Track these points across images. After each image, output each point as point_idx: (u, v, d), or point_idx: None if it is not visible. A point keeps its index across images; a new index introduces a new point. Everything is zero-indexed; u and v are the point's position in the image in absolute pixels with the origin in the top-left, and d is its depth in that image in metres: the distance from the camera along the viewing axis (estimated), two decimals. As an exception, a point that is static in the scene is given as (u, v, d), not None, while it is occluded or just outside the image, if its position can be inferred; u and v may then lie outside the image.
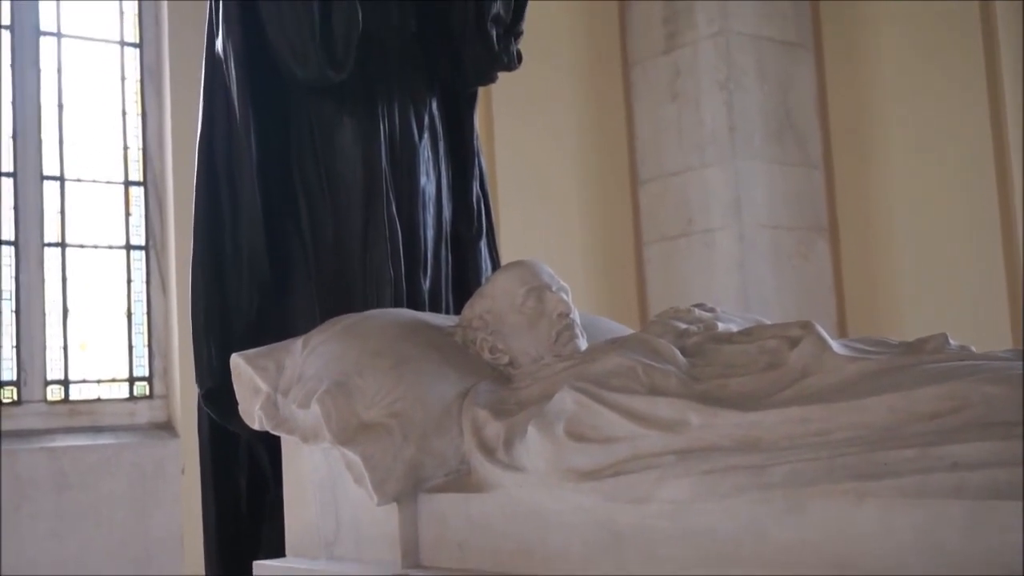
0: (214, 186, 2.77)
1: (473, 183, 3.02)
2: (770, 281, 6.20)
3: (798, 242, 6.40)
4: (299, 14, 2.61)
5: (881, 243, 6.34)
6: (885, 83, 6.35)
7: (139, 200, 5.62)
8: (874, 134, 6.41)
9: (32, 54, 5.43)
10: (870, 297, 6.39)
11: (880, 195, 6.37)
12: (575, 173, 6.33)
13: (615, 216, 6.47)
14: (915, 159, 6.20)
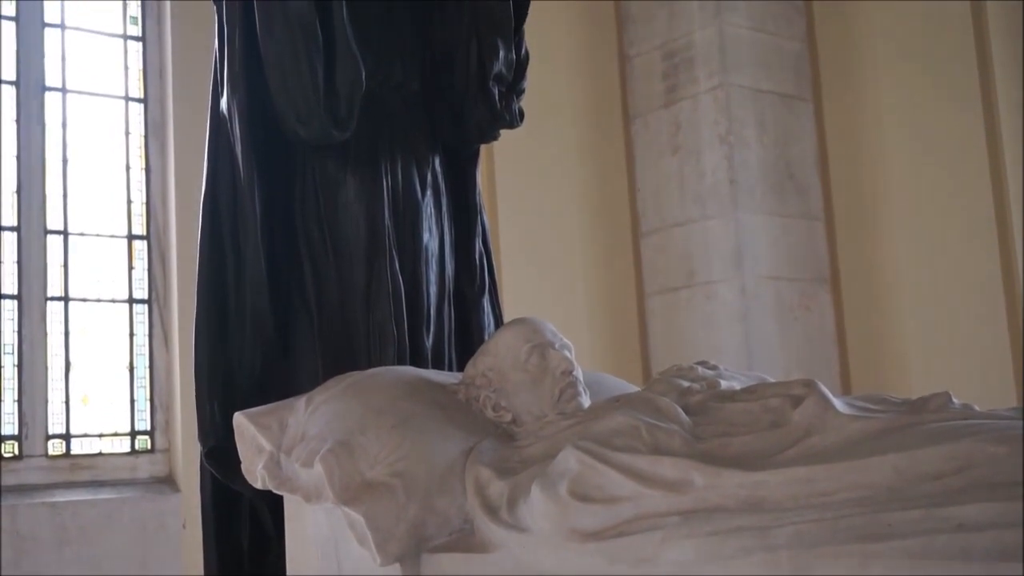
0: (218, 245, 2.78)
1: (476, 240, 3.03)
2: (773, 333, 6.20)
3: (800, 294, 6.41)
4: (303, 74, 2.64)
5: (883, 294, 6.34)
6: (885, 135, 6.38)
7: (142, 254, 5.64)
8: (875, 186, 6.43)
9: (37, 109, 5.47)
10: (873, 348, 6.38)
11: (881, 246, 6.38)
12: (577, 226, 6.35)
13: (617, 268, 6.48)
14: (916, 210, 6.22)
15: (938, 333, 6.06)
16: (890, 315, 6.31)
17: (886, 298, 6.33)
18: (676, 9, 6.49)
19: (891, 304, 6.31)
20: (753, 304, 6.13)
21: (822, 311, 6.51)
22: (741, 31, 6.35)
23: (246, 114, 2.69)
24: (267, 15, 2.65)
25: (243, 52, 2.71)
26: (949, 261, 6.05)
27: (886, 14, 6.37)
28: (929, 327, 6.12)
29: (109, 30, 5.79)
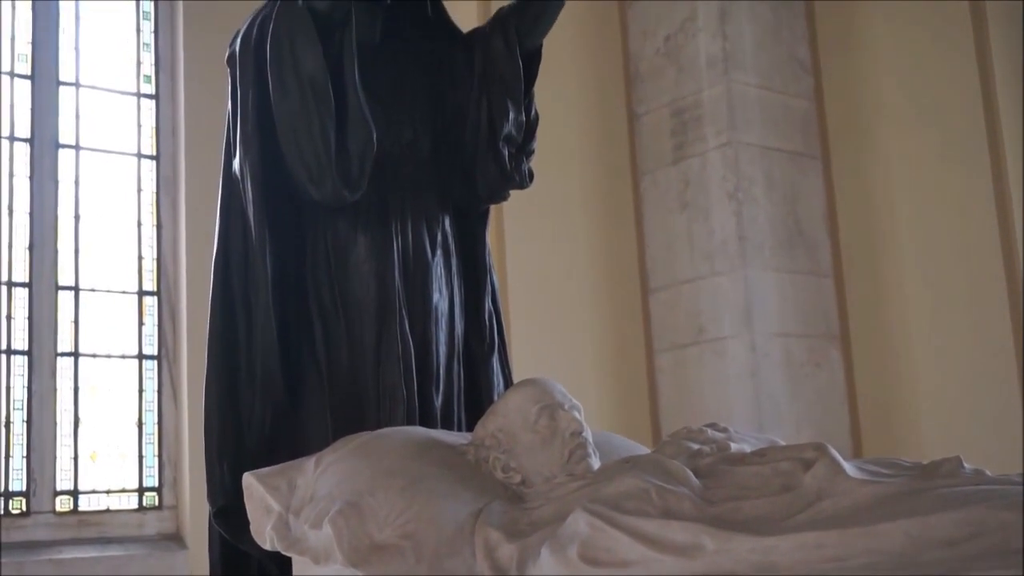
0: (229, 305, 2.79)
1: (485, 299, 3.04)
2: (783, 390, 6.19)
3: (810, 351, 6.40)
4: (315, 136, 2.66)
5: (894, 351, 6.33)
6: (893, 192, 6.40)
7: (152, 310, 5.66)
8: (884, 242, 6.44)
9: (50, 166, 5.52)
10: (884, 405, 6.36)
11: (891, 303, 6.38)
12: (586, 284, 6.37)
13: (626, 325, 6.48)
14: (925, 266, 6.23)
15: (949, 390, 6.04)
16: (901, 372, 6.29)
17: (896, 355, 6.32)
18: (684, 67, 6.54)
19: (902, 361, 6.29)
20: (763, 361, 6.12)
21: (832, 368, 6.49)
22: (749, 89, 6.40)
23: (258, 175, 2.71)
24: (280, 77, 2.68)
25: (256, 113, 2.73)
26: (959, 317, 6.04)
27: (894, 71, 6.42)
28: (940, 384, 6.10)
29: (123, 88, 5.86)
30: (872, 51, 6.54)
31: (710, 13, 6.41)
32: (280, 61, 2.68)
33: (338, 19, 2.75)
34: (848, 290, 6.60)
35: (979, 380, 5.90)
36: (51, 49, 5.65)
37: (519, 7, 2.96)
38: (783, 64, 6.63)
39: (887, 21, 6.48)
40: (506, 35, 2.93)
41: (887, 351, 6.37)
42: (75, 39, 5.76)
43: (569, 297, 6.23)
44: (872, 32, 6.55)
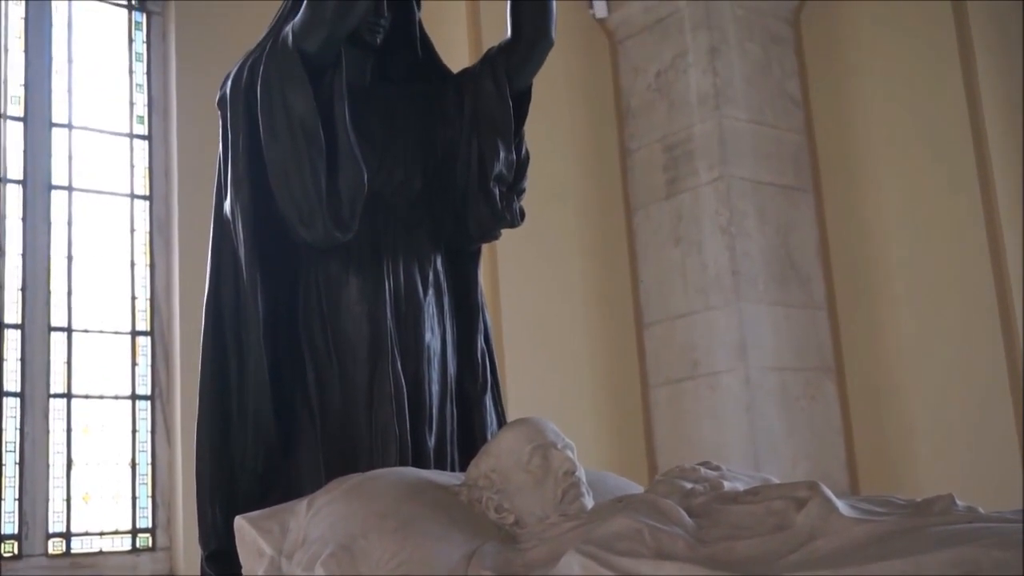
0: (221, 346, 2.79)
1: (478, 337, 3.04)
2: (778, 423, 6.18)
3: (805, 383, 6.39)
4: (306, 177, 2.67)
5: (889, 382, 6.33)
6: (886, 223, 6.42)
7: (145, 350, 5.65)
8: (877, 274, 6.45)
9: (43, 208, 5.52)
10: (879, 438, 6.35)
11: (885, 334, 6.39)
12: (580, 320, 6.37)
13: (621, 360, 6.48)
14: (918, 297, 6.24)
15: (944, 422, 6.04)
16: (896, 404, 6.29)
17: (891, 386, 6.32)
18: (675, 103, 6.58)
19: (897, 392, 6.29)
20: (758, 394, 6.12)
21: (827, 401, 6.49)
22: (740, 124, 6.43)
23: (250, 216, 2.72)
24: (270, 119, 2.69)
25: (247, 155, 2.74)
26: (953, 348, 6.05)
27: (884, 104, 6.46)
28: (935, 416, 6.09)
29: (116, 129, 5.87)
30: (862, 85, 6.58)
31: (700, 49, 6.45)
32: (271, 104, 2.69)
33: (328, 62, 2.76)
34: (842, 322, 6.60)
35: (974, 411, 5.89)
36: (44, 91, 5.67)
37: (508, 47, 2.97)
38: (774, 99, 6.66)
39: (876, 55, 6.52)
40: (496, 75, 2.94)
41: (882, 383, 6.37)
42: (68, 81, 5.78)
43: (563, 333, 6.23)
44: (862, 66, 6.59)
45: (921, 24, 6.30)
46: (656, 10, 6.72)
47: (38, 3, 5.76)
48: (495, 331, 3.31)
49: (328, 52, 2.75)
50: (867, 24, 6.56)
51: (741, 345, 6.14)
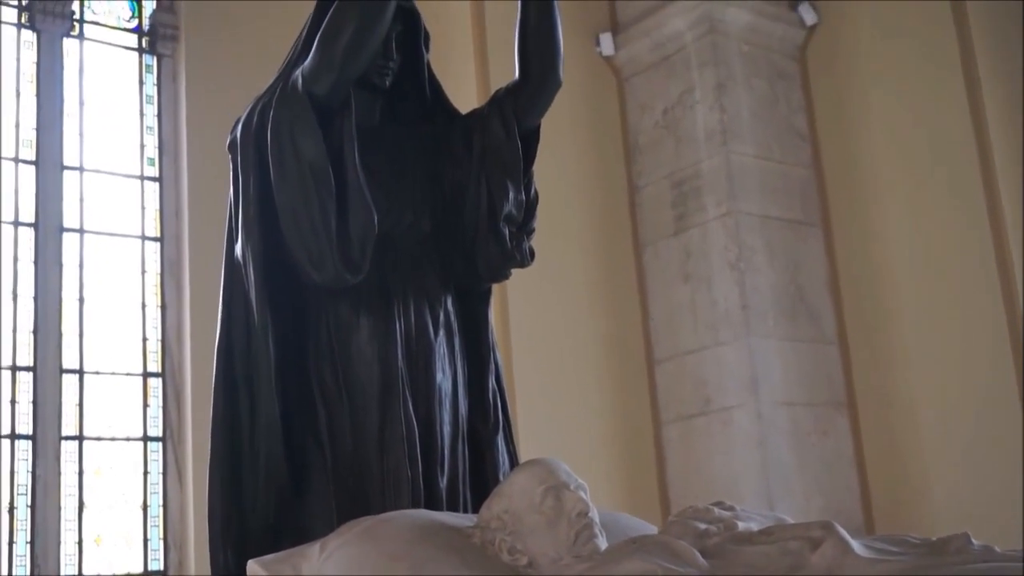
0: (232, 389, 2.79)
1: (489, 378, 3.03)
2: (790, 459, 6.15)
3: (817, 419, 6.37)
4: (316, 220, 2.68)
5: (902, 416, 6.31)
6: (895, 257, 6.42)
7: (157, 391, 5.66)
8: (887, 307, 6.44)
9: (55, 250, 5.55)
10: (893, 472, 6.32)
11: (897, 368, 6.37)
12: (591, 357, 6.36)
13: (632, 397, 6.47)
14: (929, 331, 6.22)
15: (958, 455, 6.01)
16: (909, 437, 6.26)
17: (904, 420, 6.29)
18: (683, 139, 6.60)
19: (909, 426, 6.26)
20: (770, 430, 6.10)
21: (839, 435, 6.46)
22: (747, 159, 6.45)
23: (260, 259, 2.73)
24: (280, 162, 2.71)
25: (257, 199, 2.75)
26: (965, 381, 6.03)
27: (891, 138, 6.47)
28: (948, 449, 6.07)
29: (127, 171, 5.91)
30: (869, 119, 6.60)
31: (707, 86, 6.48)
32: (281, 147, 2.70)
33: (338, 104, 2.78)
34: (853, 356, 6.59)
35: (987, 445, 5.86)
36: (55, 134, 5.71)
37: (516, 88, 2.99)
38: (781, 134, 6.68)
39: (883, 90, 6.54)
40: (504, 116, 2.95)
41: (894, 417, 6.34)
42: (79, 124, 5.82)
43: (574, 372, 6.23)
44: (869, 100, 6.61)
45: (927, 59, 6.32)
46: (663, 47, 6.76)
47: (50, 47, 5.81)
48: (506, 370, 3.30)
49: (338, 95, 2.77)
50: (873, 59, 6.59)
51: (752, 380, 6.12)
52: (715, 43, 6.52)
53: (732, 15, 6.61)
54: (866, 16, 6.64)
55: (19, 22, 5.88)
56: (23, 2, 5.92)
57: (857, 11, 6.69)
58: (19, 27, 5.86)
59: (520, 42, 2.97)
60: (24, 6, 5.90)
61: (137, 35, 6.19)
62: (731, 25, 6.62)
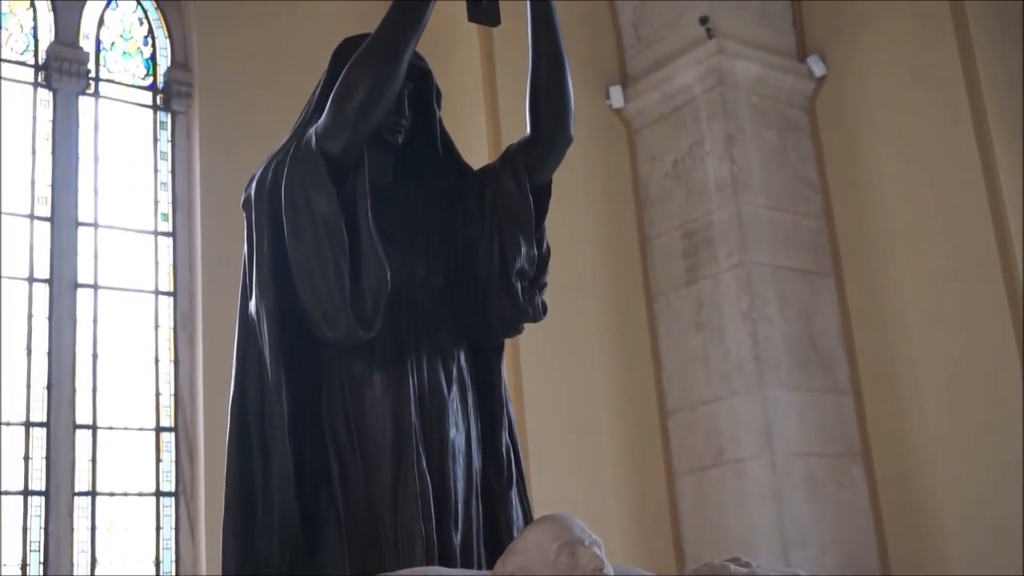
0: (246, 445, 2.79)
1: (502, 433, 3.02)
2: (806, 510, 6.11)
3: (832, 469, 6.34)
4: (330, 277, 2.69)
5: (918, 466, 6.27)
6: (908, 306, 6.42)
7: (170, 446, 5.66)
8: (901, 357, 6.42)
9: (69, 306, 5.58)
10: (910, 522, 6.27)
11: (911, 417, 6.34)
12: (603, 409, 6.35)
13: (646, 449, 6.45)
14: (943, 381, 6.20)
15: (975, 506, 5.97)
16: (925, 487, 6.22)
17: (920, 470, 6.25)
18: (693, 190, 6.63)
19: (926, 476, 6.22)
20: (784, 481, 6.06)
21: (855, 486, 6.42)
22: (759, 210, 6.47)
23: (274, 316, 2.74)
24: (294, 220, 2.73)
25: (271, 256, 2.77)
26: (980, 430, 6.00)
27: (902, 187, 6.49)
28: (965, 499, 6.02)
29: (140, 227, 5.95)
30: (879, 168, 6.62)
31: (716, 137, 6.51)
32: (294, 204, 2.72)
33: (351, 161, 2.80)
34: (868, 406, 6.56)
35: (1003, 495, 5.82)
36: (70, 191, 5.76)
37: (528, 144, 3.01)
38: (791, 184, 6.71)
39: (892, 139, 6.57)
40: (516, 172, 2.97)
41: (911, 466, 6.30)
42: (94, 180, 5.88)
43: (587, 424, 6.21)
44: (878, 150, 6.63)
45: (937, 110, 6.35)
46: (672, 99, 6.81)
47: (66, 105, 5.88)
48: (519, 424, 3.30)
49: (351, 153, 2.79)
50: (883, 110, 6.62)
51: (766, 431, 6.10)
52: (724, 95, 6.56)
53: (741, 67, 6.66)
54: (875, 67, 6.69)
55: (35, 81, 5.96)
56: (40, 62, 6.00)
57: (865, 62, 6.74)
58: (35, 86, 5.94)
59: (531, 99, 3.00)
60: (41, 65, 5.98)
61: (152, 92, 6.27)
62: (740, 77, 6.67)
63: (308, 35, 6.12)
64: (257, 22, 6.43)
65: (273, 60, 6.15)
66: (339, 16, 6.20)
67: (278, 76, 5.81)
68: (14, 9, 6.18)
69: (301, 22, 6.47)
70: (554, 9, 2.97)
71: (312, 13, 6.56)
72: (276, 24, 6.47)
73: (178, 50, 6.37)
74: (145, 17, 6.50)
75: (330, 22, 6.03)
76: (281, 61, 6.04)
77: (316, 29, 6.09)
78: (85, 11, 6.30)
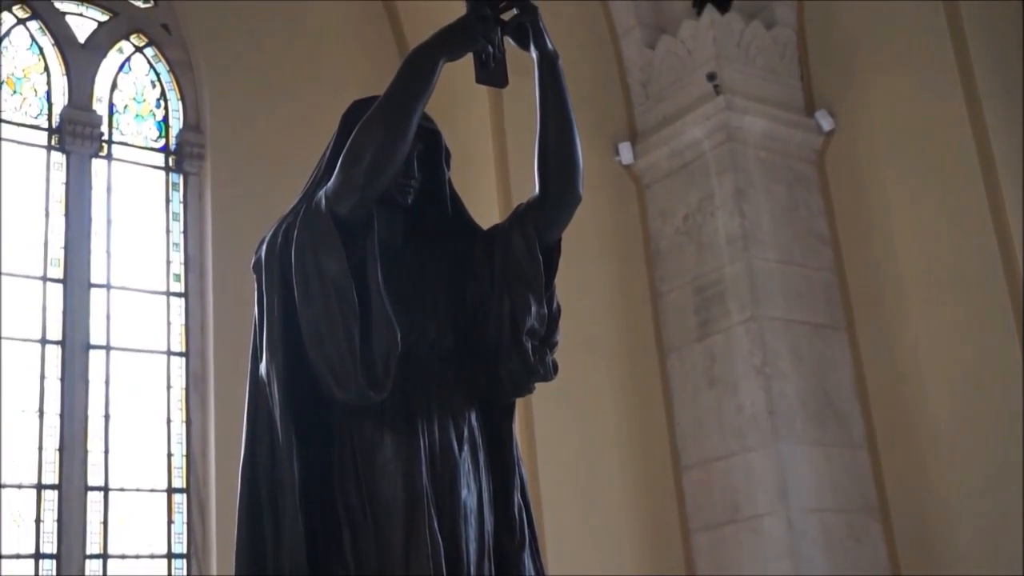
0: (256, 509, 2.77)
1: (514, 493, 3.00)
2: (823, 567, 6.05)
3: (849, 525, 6.28)
4: (340, 339, 2.69)
5: (935, 521, 6.21)
6: (922, 359, 6.39)
7: (181, 507, 5.64)
8: (916, 410, 6.39)
9: (81, 368, 5.59)
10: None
11: (928, 471, 6.29)
12: (617, 467, 6.32)
13: (660, 505, 6.40)
14: (960, 434, 6.16)
15: (995, 561, 5.90)
16: (944, 543, 6.16)
17: (938, 525, 6.19)
18: (704, 245, 6.63)
19: (944, 531, 6.17)
20: (801, 538, 6.01)
21: (873, 542, 6.35)
22: (770, 264, 6.46)
23: (284, 379, 2.74)
24: (304, 282, 2.73)
25: (282, 318, 2.77)
26: (998, 484, 5.95)
27: (913, 239, 6.49)
28: (984, 554, 5.96)
29: (153, 287, 5.97)
30: (890, 221, 6.62)
31: (726, 193, 6.53)
32: (304, 267, 2.73)
33: (361, 223, 2.81)
34: (884, 461, 6.51)
35: (1023, 550, 5.75)
36: (83, 252, 5.80)
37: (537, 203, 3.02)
38: (802, 238, 6.71)
39: (902, 191, 6.58)
40: (525, 231, 2.97)
41: (928, 522, 6.24)
42: (107, 241, 5.91)
43: (601, 482, 6.17)
44: (888, 202, 6.64)
45: (946, 162, 6.36)
46: (681, 155, 6.83)
47: (79, 168, 5.93)
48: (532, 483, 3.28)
49: (361, 214, 2.80)
50: (892, 162, 6.64)
51: (781, 487, 6.05)
52: (733, 150, 6.58)
53: (749, 123, 6.69)
54: (882, 120, 6.71)
55: (49, 144, 6.01)
56: (53, 125, 6.05)
57: (874, 116, 6.76)
58: (49, 149, 5.99)
59: (540, 159, 3.00)
60: (54, 129, 6.03)
61: (164, 154, 6.32)
62: (748, 132, 6.70)
63: (318, 97, 6.18)
64: (268, 85, 6.50)
65: (284, 122, 6.20)
66: (349, 79, 6.27)
67: (289, 138, 5.86)
68: (28, 73, 6.26)
69: (312, 85, 6.54)
70: (561, 70, 2.98)
71: (322, 76, 6.63)
72: (287, 87, 6.54)
73: (190, 112, 6.43)
74: (158, 80, 6.57)
75: (340, 85, 6.10)
76: (292, 123, 6.10)
77: (326, 92, 6.15)
78: (99, 75, 6.37)
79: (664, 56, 7.02)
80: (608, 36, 7.22)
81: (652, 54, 7.08)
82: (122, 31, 6.57)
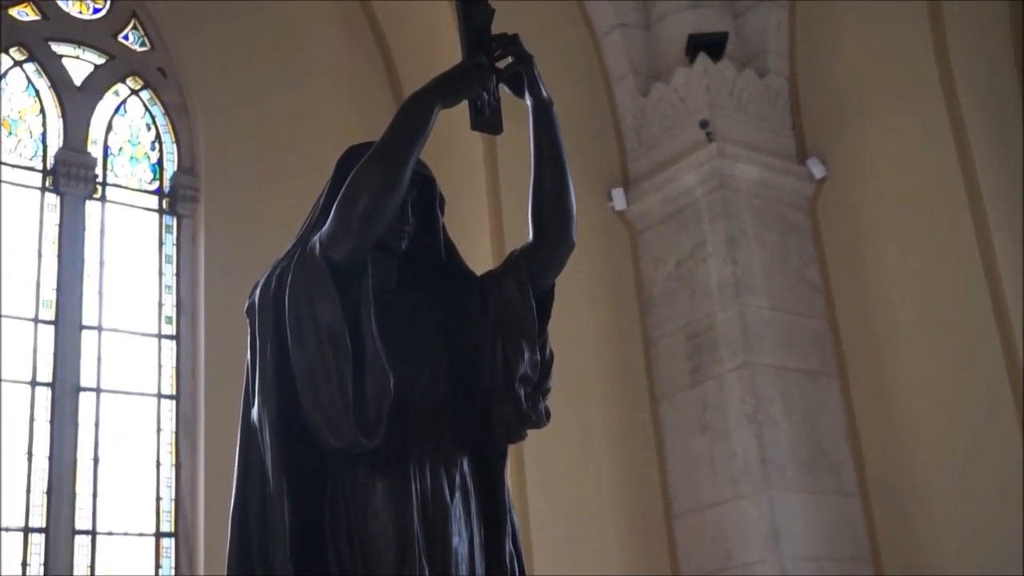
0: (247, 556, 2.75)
1: (506, 540, 2.99)
2: (816, 615, 6.01)
3: (842, 573, 6.25)
4: (333, 385, 2.68)
5: (929, 569, 6.19)
6: (914, 405, 6.41)
7: (169, 552, 5.60)
8: (908, 458, 6.39)
9: (71, 410, 5.57)
10: (921, 627, 6.17)
11: (921, 520, 6.28)
12: (609, 514, 6.29)
13: (652, 553, 6.37)
14: (952, 480, 6.16)
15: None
16: (936, 591, 6.13)
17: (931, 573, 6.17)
18: (696, 291, 6.65)
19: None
20: (794, 587, 5.97)
21: (865, 590, 6.33)
22: (762, 311, 6.48)
23: (276, 424, 2.73)
24: (298, 328, 2.73)
25: (274, 364, 2.77)
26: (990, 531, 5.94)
27: (904, 286, 6.52)
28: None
29: (144, 330, 5.96)
30: (881, 268, 6.65)
31: (718, 239, 6.55)
32: (298, 312, 2.73)
33: (355, 268, 2.82)
34: (875, 508, 6.50)
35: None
36: (75, 294, 5.79)
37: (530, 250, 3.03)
38: (794, 286, 6.73)
39: (894, 239, 6.61)
40: (518, 277, 2.98)
41: (921, 570, 6.22)
42: (99, 284, 5.90)
43: (592, 529, 6.15)
44: (880, 250, 6.67)
45: (937, 209, 6.41)
46: (674, 202, 6.86)
47: (72, 209, 5.94)
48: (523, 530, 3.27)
49: (355, 260, 2.80)
50: (883, 210, 6.68)
51: (774, 535, 6.03)
52: (725, 197, 6.62)
53: (741, 170, 6.73)
54: (874, 167, 6.76)
55: (43, 186, 6.02)
56: (48, 167, 6.07)
57: (865, 163, 6.81)
58: (43, 191, 6.00)
59: (534, 205, 3.02)
60: (49, 170, 6.04)
61: (158, 196, 6.33)
62: (741, 180, 6.73)
63: (313, 142, 6.21)
64: (263, 129, 6.53)
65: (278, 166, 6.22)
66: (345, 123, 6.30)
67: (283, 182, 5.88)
68: (24, 115, 6.28)
69: (306, 129, 6.57)
70: (556, 117, 3.00)
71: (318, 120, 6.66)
72: (282, 131, 6.57)
73: (185, 155, 6.45)
74: (153, 123, 6.59)
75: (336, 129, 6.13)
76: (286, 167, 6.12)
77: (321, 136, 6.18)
78: (94, 117, 6.39)
79: (657, 103, 7.07)
80: (602, 83, 7.28)
81: (645, 101, 7.13)
82: (118, 74, 6.60)
